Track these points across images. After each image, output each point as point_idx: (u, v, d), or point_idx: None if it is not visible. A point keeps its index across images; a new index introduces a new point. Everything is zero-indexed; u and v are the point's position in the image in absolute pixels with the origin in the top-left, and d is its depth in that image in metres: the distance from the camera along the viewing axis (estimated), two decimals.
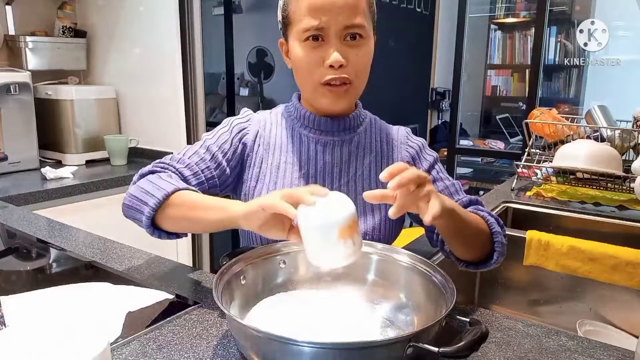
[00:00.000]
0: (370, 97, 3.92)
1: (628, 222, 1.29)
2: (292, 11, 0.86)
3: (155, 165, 0.89)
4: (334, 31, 0.83)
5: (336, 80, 0.85)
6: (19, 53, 2.11)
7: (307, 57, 0.85)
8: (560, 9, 3.37)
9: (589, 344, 0.70)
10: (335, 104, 0.89)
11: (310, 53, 0.85)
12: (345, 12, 0.83)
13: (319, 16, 0.82)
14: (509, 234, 1.23)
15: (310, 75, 0.87)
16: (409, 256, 0.76)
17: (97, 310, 0.76)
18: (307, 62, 0.86)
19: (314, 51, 0.85)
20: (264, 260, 0.77)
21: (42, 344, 0.51)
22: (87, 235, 1.13)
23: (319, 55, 0.85)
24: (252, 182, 0.94)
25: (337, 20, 0.83)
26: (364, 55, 0.88)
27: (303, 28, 0.84)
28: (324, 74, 0.85)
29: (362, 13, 0.86)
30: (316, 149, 0.94)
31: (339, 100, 0.88)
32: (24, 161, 2.00)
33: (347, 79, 0.86)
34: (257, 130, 0.96)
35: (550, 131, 1.61)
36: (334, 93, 0.87)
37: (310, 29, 0.83)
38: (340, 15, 0.83)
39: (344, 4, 0.83)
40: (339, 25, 0.83)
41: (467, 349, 0.55)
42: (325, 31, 0.83)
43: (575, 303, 1.17)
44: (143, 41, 2.20)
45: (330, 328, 0.71)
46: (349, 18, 0.83)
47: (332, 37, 0.84)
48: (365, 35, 0.87)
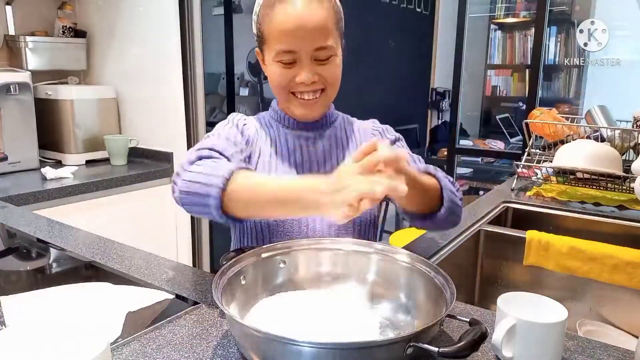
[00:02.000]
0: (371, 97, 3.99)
1: (628, 222, 1.29)
2: (266, 31, 0.91)
3: (200, 152, 0.83)
4: (304, 53, 0.88)
5: (307, 94, 0.92)
6: (19, 53, 2.11)
7: (280, 76, 0.91)
8: (560, 9, 3.37)
9: (589, 344, 0.70)
10: (309, 114, 0.96)
11: (283, 72, 0.91)
12: (315, 35, 0.88)
13: (289, 41, 0.87)
14: (508, 234, 1.24)
15: (284, 89, 0.93)
16: (409, 256, 0.76)
17: (97, 310, 0.76)
18: (280, 81, 0.92)
19: (286, 71, 0.91)
20: (264, 260, 0.77)
21: (42, 344, 0.51)
22: (87, 235, 1.13)
23: (292, 74, 0.90)
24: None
25: (307, 44, 0.88)
26: (334, 69, 0.93)
27: (275, 51, 0.89)
28: (296, 88, 0.92)
29: (330, 34, 0.91)
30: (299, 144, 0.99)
31: (312, 109, 0.95)
32: (24, 161, 2.00)
33: (318, 91, 0.92)
34: (255, 126, 1.00)
35: (550, 131, 1.61)
36: (307, 104, 0.93)
37: (281, 53, 0.89)
38: (310, 39, 0.88)
39: (313, 27, 0.87)
40: (308, 49, 0.88)
41: (467, 349, 0.55)
42: (296, 55, 0.89)
43: (575, 303, 1.17)
44: (143, 41, 2.20)
45: (330, 328, 0.71)
46: (318, 41, 0.88)
47: (302, 58, 0.89)
48: (334, 53, 0.92)
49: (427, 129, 5.06)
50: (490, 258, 1.27)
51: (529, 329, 0.62)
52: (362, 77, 4.06)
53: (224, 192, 0.73)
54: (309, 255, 0.81)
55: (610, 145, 1.47)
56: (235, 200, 0.74)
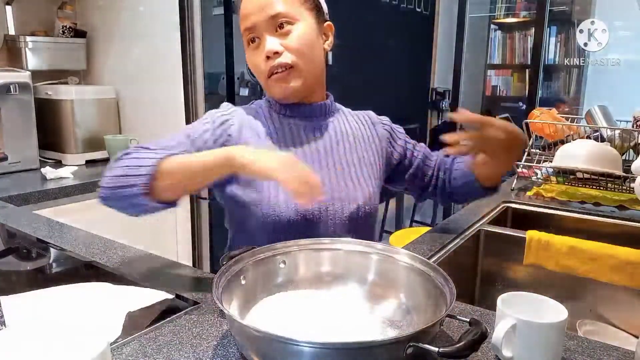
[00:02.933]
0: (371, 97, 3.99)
1: (628, 222, 1.29)
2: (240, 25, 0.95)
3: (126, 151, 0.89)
4: (262, 26, 0.91)
5: (276, 68, 0.91)
6: (19, 53, 2.11)
7: (252, 59, 0.95)
8: (560, 9, 3.37)
9: (589, 344, 0.70)
10: (285, 90, 0.94)
11: (253, 54, 0.94)
12: (267, 6, 0.90)
13: (248, 18, 0.92)
14: (508, 234, 1.24)
15: (260, 73, 0.94)
16: (409, 256, 0.76)
17: (97, 310, 0.76)
18: (254, 63, 0.94)
19: (255, 52, 0.94)
20: (264, 260, 0.77)
21: (42, 344, 0.51)
22: (87, 235, 1.13)
23: (260, 53, 0.92)
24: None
25: (261, 14, 0.90)
26: (298, 38, 0.92)
27: (243, 34, 0.94)
28: (266, 67, 0.92)
29: (286, 2, 0.91)
30: (301, 134, 0.99)
31: (287, 85, 0.93)
32: (24, 161, 2.00)
33: (286, 63, 0.91)
34: (241, 120, 0.98)
35: (550, 131, 1.61)
36: (281, 79, 0.92)
37: (245, 31, 0.93)
38: (263, 11, 0.90)
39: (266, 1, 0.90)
40: (263, 19, 0.90)
41: (467, 349, 0.55)
42: (257, 30, 0.92)
43: (575, 303, 1.17)
44: (143, 41, 2.20)
45: (330, 328, 0.71)
46: (270, 8, 0.90)
47: (263, 32, 0.91)
48: (295, 20, 0.92)
49: (427, 129, 5.06)
50: (490, 258, 1.27)
51: (529, 329, 0.62)
52: (362, 77, 4.06)
53: (153, 175, 0.79)
54: (309, 255, 0.81)
55: (610, 145, 1.47)
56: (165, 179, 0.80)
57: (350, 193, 0.97)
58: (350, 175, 0.99)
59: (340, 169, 0.99)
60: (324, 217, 0.94)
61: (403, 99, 4.63)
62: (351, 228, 0.97)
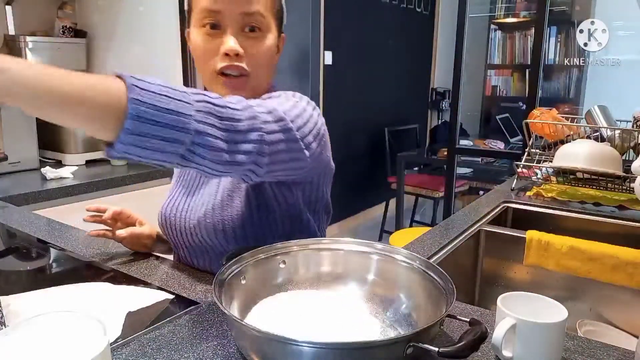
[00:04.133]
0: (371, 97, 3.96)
1: (628, 222, 1.29)
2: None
3: None
4: (231, 18, 0.82)
5: (232, 70, 0.84)
6: (19, 53, 2.11)
7: (204, 44, 0.84)
8: (560, 9, 3.37)
9: (589, 344, 0.70)
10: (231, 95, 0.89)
11: (207, 41, 0.84)
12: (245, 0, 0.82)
13: (216, 2, 0.81)
14: (508, 234, 1.24)
15: (207, 63, 0.85)
16: (409, 256, 0.76)
17: (97, 310, 0.76)
18: (204, 50, 0.85)
19: (211, 39, 0.84)
20: (264, 260, 0.77)
21: (42, 344, 0.51)
22: (87, 235, 1.13)
23: (216, 43, 0.83)
24: None
25: (234, 7, 0.82)
26: (264, 49, 0.86)
27: (200, 12, 0.83)
28: (220, 62, 0.84)
29: (262, 3, 0.84)
30: None
31: (236, 93, 0.83)
32: (24, 161, 2.00)
33: (244, 69, 0.84)
34: None
35: (550, 131, 1.60)
36: (231, 85, 0.85)
37: (206, 13, 0.82)
38: (237, 3, 0.82)
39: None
40: (235, 11, 0.82)
41: (467, 349, 0.55)
42: (222, 18, 0.82)
43: (575, 303, 1.17)
44: (143, 41, 2.20)
45: (330, 328, 0.71)
46: (245, 5, 0.82)
47: (228, 24, 0.83)
48: (265, 29, 0.85)
49: (427, 129, 5.06)
50: (490, 258, 1.27)
51: (529, 329, 0.62)
52: (362, 77, 4.07)
53: None
54: (309, 255, 0.80)
55: (610, 145, 1.47)
56: None
57: (197, 204, 0.92)
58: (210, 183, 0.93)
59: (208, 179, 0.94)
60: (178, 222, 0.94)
61: (403, 99, 4.63)
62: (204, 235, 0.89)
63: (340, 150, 3.84)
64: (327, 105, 3.58)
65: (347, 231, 4.08)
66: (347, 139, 3.90)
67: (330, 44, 3.58)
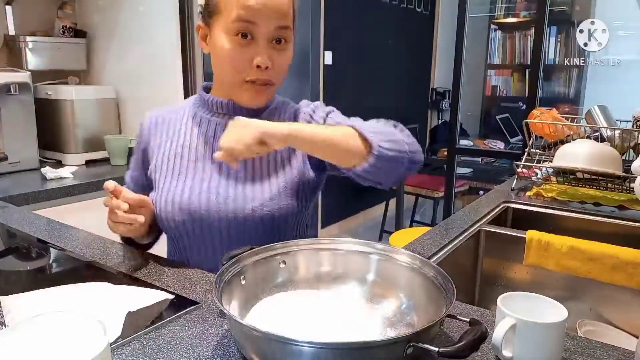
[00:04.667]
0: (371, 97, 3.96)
1: (628, 222, 1.29)
2: (221, 1, 0.87)
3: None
4: (264, 32, 0.87)
5: (261, 81, 0.90)
6: (19, 53, 2.11)
7: (235, 53, 0.87)
8: (560, 9, 3.38)
9: (589, 344, 0.70)
10: (255, 101, 0.93)
11: (239, 50, 0.87)
12: (278, 14, 0.86)
13: (252, 14, 0.85)
14: (508, 234, 1.24)
15: (237, 71, 0.89)
16: (409, 256, 0.76)
17: (97, 310, 0.76)
18: (235, 59, 0.88)
19: (242, 49, 0.87)
20: (264, 260, 0.77)
21: (42, 344, 0.51)
22: (87, 235, 1.13)
23: (248, 53, 0.87)
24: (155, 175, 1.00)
25: (269, 21, 0.86)
26: (287, 59, 0.92)
27: (234, 23, 0.86)
28: (250, 74, 0.89)
29: (290, 17, 0.89)
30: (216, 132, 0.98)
31: (259, 98, 0.93)
32: (24, 161, 2.00)
33: (269, 80, 0.91)
34: (149, 126, 1.04)
35: (550, 131, 1.60)
36: (255, 91, 0.91)
37: (241, 26, 0.85)
38: (272, 17, 0.86)
39: (279, 6, 0.86)
40: (270, 27, 0.86)
41: (467, 349, 0.55)
42: (256, 29, 0.86)
43: (575, 303, 1.17)
44: (143, 41, 2.20)
45: (330, 328, 0.71)
46: (279, 20, 0.86)
47: (261, 37, 0.87)
48: (289, 39, 0.91)
49: (427, 129, 5.06)
50: (490, 258, 1.27)
51: (529, 329, 0.62)
52: (362, 77, 4.07)
53: None
54: (309, 255, 0.81)
55: (610, 145, 1.47)
56: None
57: (247, 194, 0.93)
58: (252, 176, 0.95)
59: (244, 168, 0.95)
60: (216, 218, 0.93)
61: (403, 99, 4.63)
62: (249, 230, 0.93)
63: None
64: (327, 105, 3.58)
65: (347, 231, 4.08)
66: None
67: (330, 44, 3.58)
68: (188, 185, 0.95)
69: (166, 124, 1.03)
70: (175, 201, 0.94)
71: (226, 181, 0.95)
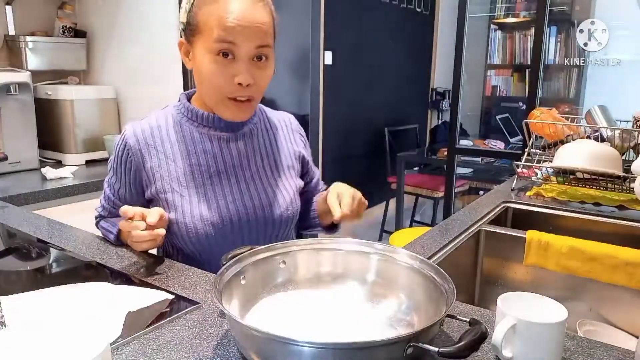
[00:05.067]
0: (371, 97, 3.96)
1: (628, 222, 1.29)
2: (202, 21, 0.89)
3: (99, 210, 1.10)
4: (245, 51, 0.89)
5: (242, 97, 0.92)
6: (19, 53, 2.11)
7: (217, 72, 0.90)
8: (560, 9, 3.37)
9: (589, 344, 0.70)
10: (237, 117, 0.96)
11: (221, 69, 0.90)
12: (258, 34, 0.88)
13: (232, 34, 0.87)
14: (508, 234, 1.24)
15: (219, 89, 0.92)
16: (409, 256, 0.76)
17: (97, 310, 0.76)
18: (217, 77, 0.90)
19: (223, 67, 0.90)
20: (264, 260, 0.77)
21: (42, 344, 0.51)
22: (87, 235, 1.13)
23: (229, 72, 0.90)
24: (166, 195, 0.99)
25: (249, 41, 0.88)
26: (268, 76, 0.95)
27: (215, 43, 0.88)
28: (232, 91, 0.91)
29: (270, 35, 0.92)
30: (220, 146, 1.01)
31: (242, 114, 0.96)
32: (24, 161, 2.00)
33: (251, 96, 0.93)
34: (137, 146, 0.99)
35: (550, 131, 1.60)
36: (238, 108, 0.94)
37: (222, 46, 0.88)
38: (252, 37, 0.88)
39: (259, 25, 0.88)
40: (250, 46, 0.89)
41: (467, 349, 0.55)
42: (236, 49, 0.88)
43: (575, 303, 1.17)
44: (143, 41, 2.20)
45: (330, 328, 0.71)
46: (260, 39, 0.89)
47: (242, 56, 0.89)
48: (270, 57, 0.93)
49: (427, 129, 5.06)
50: (490, 258, 1.27)
51: (529, 329, 0.62)
52: (362, 77, 4.07)
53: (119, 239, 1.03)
54: (309, 255, 0.81)
55: (610, 145, 1.47)
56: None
57: (271, 200, 1.01)
58: (269, 182, 1.02)
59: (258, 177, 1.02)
60: (245, 227, 0.98)
61: (403, 99, 4.63)
62: (274, 234, 1.02)
63: (340, 150, 3.84)
64: (327, 105, 3.58)
65: (347, 231, 4.08)
66: (347, 139, 3.90)
67: (330, 44, 3.58)
68: (213, 200, 0.98)
69: (156, 141, 1.00)
70: (203, 216, 0.96)
71: (248, 191, 1.00)
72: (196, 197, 0.98)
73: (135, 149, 0.99)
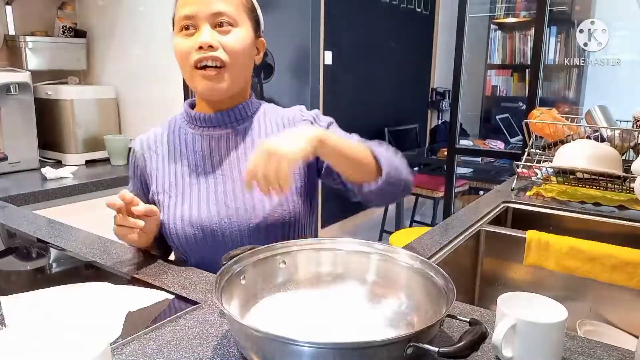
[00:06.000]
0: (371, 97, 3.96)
1: (628, 222, 1.29)
2: (175, 14, 0.96)
3: None
4: (203, 19, 0.91)
5: (208, 60, 0.91)
6: (19, 53, 2.11)
7: (181, 44, 0.94)
8: (560, 9, 3.37)
9: (589, 344, 0.70)
10: (212, 88, 0.94)
11: (184, 41, 0.93)
12: (214, 2, 0.91)
13: (190, 9, 0.91)
14: (508, 234, 1.24)
15: (186, 60, 0.93)
16: (409, 256, 0.76)
17: (97, 310, 0.76)
18: (181, 49, 0.94)
19: (187, 39, 0.93)
20: (264, 260, 0.77)
21: (42, 344, 0.51)
22: (87, 235, 1.13)
23: (192, 41, 0.92)
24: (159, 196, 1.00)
25: (205, 9, 0.91)
26: (236, 41, 0.93)
27: (179, 20, 0.94)
28: (197, 58, 0.92)
29: (232, 4, 0.93)
30: (211, 146, 0.99)
31: (215, 84, 0.93)
32: (24, 161, 2.00)
33: (219, 59, 0.91)
34: (141, 152, 1.04)
35: (550, 131, 1.60)
36: (209, 77, 0.92)
37: (184, 22, 0.92)
38: (207, 4, 0.91)
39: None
40: (205, 11, 0.91)
41: (467, 349, 0.55)
42: (196, 20, 0.92)
43: (575, 303, 1.17)
44: (143, 41, 2.20)
45: (330, 328, 0.71)
46: (216, 6, 0.91)
47: (201, 23, 0.91)
48: (236, 24, 0.93)
49: (427, 129, 5.07)
50: (490, 258, 1.27)
51: (529, 329, 0.62)
52: (362, 77, 4.07)
53: None
54: (309, 255, 0.81)
55: (610, 145, 1.47)
56: None
57: (255, 202, 0.95)
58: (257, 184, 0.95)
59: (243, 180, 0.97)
60: (228, 229, 0.94)
61: (403, 99, 4.63)
62: (261, 236, 0.95)
63: None
64: (327, 105, 3.58)
65: (347, 231, 4.08)
66: None
67: (330, 44, 3.58)
68: (195, 201, 0.97)
69: (157, 145, 1.04)
70: (184, 217, 0.95)
71: (233, 192, 0.96)
72: (181, 198, 0.97)
73: (139, 154, 1.04)
